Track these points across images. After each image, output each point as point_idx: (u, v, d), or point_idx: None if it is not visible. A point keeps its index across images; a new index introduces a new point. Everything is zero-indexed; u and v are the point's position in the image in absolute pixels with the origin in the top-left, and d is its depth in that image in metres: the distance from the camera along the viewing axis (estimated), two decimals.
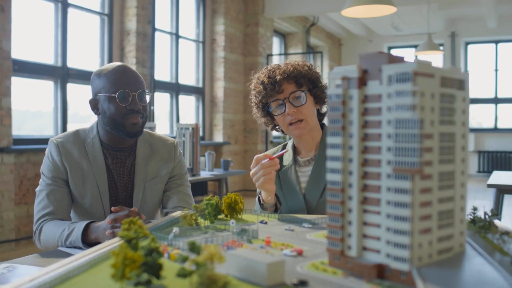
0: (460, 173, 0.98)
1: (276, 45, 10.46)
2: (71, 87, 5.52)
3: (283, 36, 10.91)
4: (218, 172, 5.13)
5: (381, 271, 0.92)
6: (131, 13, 6.09)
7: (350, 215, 0.96)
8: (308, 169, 1.97)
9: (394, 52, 12.95)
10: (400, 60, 0.94)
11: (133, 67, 6.07)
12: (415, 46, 12.52)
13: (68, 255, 1.59)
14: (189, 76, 7.84)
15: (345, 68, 1.26)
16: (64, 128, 5.39)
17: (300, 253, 1.10)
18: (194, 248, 0.84)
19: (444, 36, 11.70)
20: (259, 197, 1.87)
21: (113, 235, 1.52)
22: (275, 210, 1.84)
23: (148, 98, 1.88)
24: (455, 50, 11.72)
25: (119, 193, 1.91)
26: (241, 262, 0.92)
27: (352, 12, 3.73)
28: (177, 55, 7.32)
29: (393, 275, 0.90)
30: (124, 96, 1.80)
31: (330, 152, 0.99)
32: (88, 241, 1.64)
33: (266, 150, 8.97)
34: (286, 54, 10.60)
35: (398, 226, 0.88)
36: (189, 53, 7.81)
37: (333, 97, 0.98)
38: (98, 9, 5.91)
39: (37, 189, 1.86)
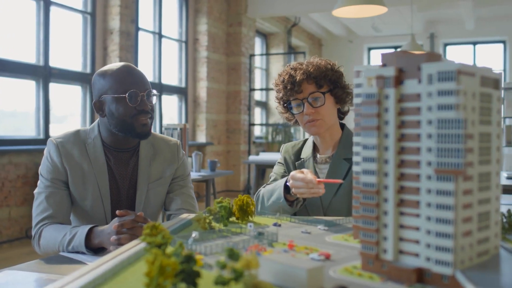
0: (495, 174, 0.97)
1: (257, 45, 10.43)
2: (53, 86, 5.40)
3: (265, 36, 10.89)
4: (205, 173, 5.08)
5: (420, 275, 0.89)
6: (114, 11, 6.00)
7: (386, 218, 0.94)
8: (325, 167, 1.97)
9: (374, 53, 13.04)
10: (438, 58, 0.92)
11: None
12: (395, 47, 12.63)
13: (70, 260, 1.54)
14: (171, 76, 7.76)
15: (366, 67, 1.24)
16: (46, 129, 5.27)
17: (327, 257, 1.07)
18: (233, 254, 0.80)
19: (423, 38, 11.81)
20: (286, 185, 1.77)
21: (119, 241, 1.47)
22: (292, 204, 1.79)
23: (155, 98, 1.84)
24: (434, 51, 11.85)
25: (121, 195, 1.85)
26: (277, 268, 0.88)
27: (343, 12, 3.72)
28: (160, 54, 7.23)
29: (434, 279, 0.87)
30: (134, 96, 1.75)
31: (364, 153, 0.96)
32: (91, 246, 1.58)
33: (249, 150, 8.93)
34: (268, 54, 10.59)
35: (440, 228, 0.85)
36: (171, 52, 7.73)
37: (366, 96, 0.96)
38: (80, 7, 5.80)
39: (36, 191, 1.80)
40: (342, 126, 2.05)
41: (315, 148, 2.05)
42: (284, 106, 2.00)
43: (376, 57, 13.20)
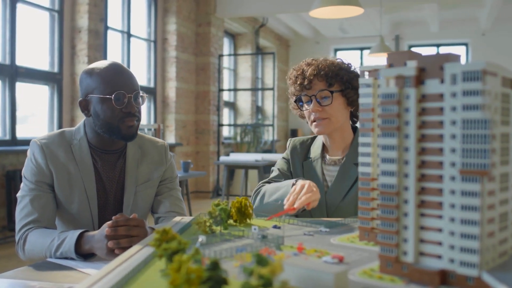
0: None
1: (225, 45, 10.39)
2: (19, 86, 5.23)
3: (233, 37, 10.86)
4: (178, 174, 5.01)
5: (444, 277, 0.88)
6: (83, 10, 5.86)
7: (406, 219, 0.92)
8: (334, 169, 1.93)
9: (340, 54, 13.17)
10: (457, 58, 0.91)
11: (85, 66, 5.84)
12: (361, 49, 12.80)
13: (60, 266, 1.47)
14: (140, 75, 7.64)
15: (373, 66, 1.22)
16: (13, 129, 5.09)
17: (341, 260, 1.05)
18: (261, 260, 0.77)
19: (389, 39, 12.00)
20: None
21: (118, 245, 1.41)
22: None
23: (142, 100, 1.78)
24: None
25: (108, 198, 1.79)
26: (301, 272, 0.86)
27: (320, 13, 3.73)
28: (129, 54, 7.11)
29: (458, 281, 0.86)
30: (120, 98, 1.69)
31: (383, 154, 0.94)
32: (81, 252, 1.52)
33: (218, 150, 8.88)
34: (238, 54, 10.56)
35: (466, 230, 0.84)
36: (140, 52, 7.61)
37: (385, 96, 0.94)
38: (48, 5, 5.64)
39: (19, 194, 1.72)
40: (355, 129, 2.01)
41: (324, 148, 2.00)
42: (295, 101, 1.95)
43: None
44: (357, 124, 2.04)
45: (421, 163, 0.91)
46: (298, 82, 1.88)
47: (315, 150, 2.00)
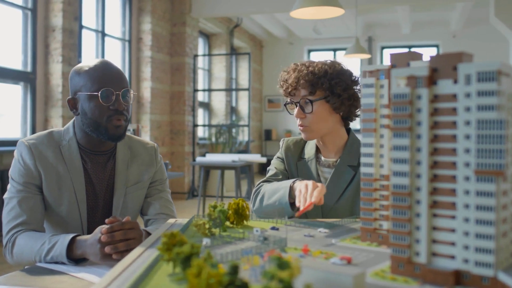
0: None
1: (200, 45, 10.33)
2: None
3: (207, 37, 10.81)
4: None
5: (458, 278, 0.88)
6: (57, 8, 5.73)
7: (419, 220, 0.92)
8: (328, 171, 1.92)
9: (314, 55, 13.24)
10: (469, 59, 0.91)
11: (59, 66, 5.73)
12: (335, 50, 12.89)
13: (51, 271, 1.43)
14: None
15: (375, 66, 1.22)
16: None
17: (349, 262, 1.04)
18: (282, 263, 0.76)
19: (362, 40, 12.12)
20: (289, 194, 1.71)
21: (115, 250, 1.38)
22: (293, 207, 1.72)
23: (131, 97, 1.74)
24: (372, 53, 12.20)
25: (98, 200, 1.75)
26: (318, 275, 0.85)
27: (301, 13, 3.73)
28: (103, 53, 7.00)
29: (473, 281, 0.86)
30: (107, 95, 1.65)
31: (394, 154, 0.94)
32: (72, 257, 1.48)
33: (193, 151, 8.82)
34: (213, 55, 10.51)
35: (481, 230, 0.85)
36: (115, 52, 7.50)
37: (397, 96, 0.94)
38: (20, 3, 5.50)
39: (6, 196, 1.66)
40: (349, 131, 1.98)
41: (317, 149, 1.98)
42: (285, 105, 1.94)
43: (315, 59, 13.39)
44: (357, 126, 2.00)
45: (434, 163, 0.91)
46: (284, 87, 1.89)
47: (309, 151, 1.98)
